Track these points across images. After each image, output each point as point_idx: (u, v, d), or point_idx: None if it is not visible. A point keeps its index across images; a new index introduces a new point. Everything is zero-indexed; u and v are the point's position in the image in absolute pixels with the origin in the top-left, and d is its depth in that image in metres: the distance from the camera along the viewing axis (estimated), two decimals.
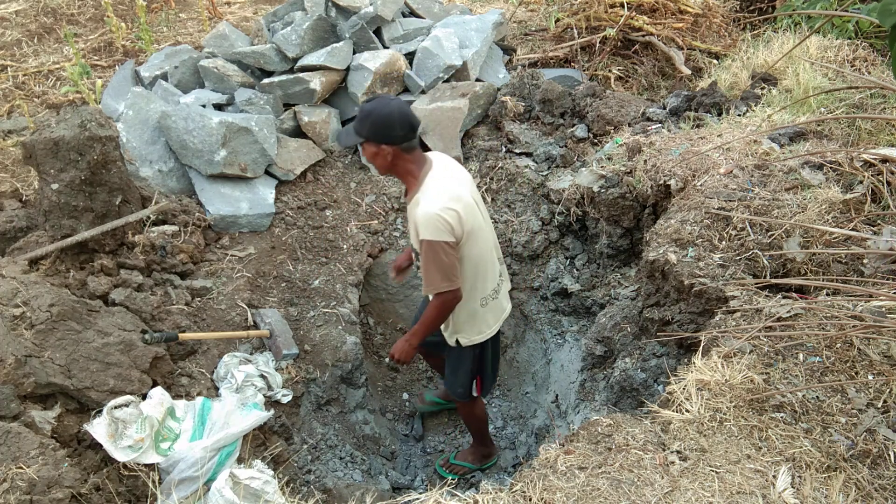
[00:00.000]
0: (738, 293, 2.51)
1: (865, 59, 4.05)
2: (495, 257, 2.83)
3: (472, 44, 4.59)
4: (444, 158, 2.71)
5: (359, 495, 2.80)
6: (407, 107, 2.53)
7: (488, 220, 2.80)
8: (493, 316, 2.88)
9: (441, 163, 2.65)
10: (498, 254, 2.87)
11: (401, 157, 2.52)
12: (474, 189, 2.73)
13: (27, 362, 2.35)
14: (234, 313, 3.23)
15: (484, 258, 2.71)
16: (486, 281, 2.77)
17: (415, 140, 2.53)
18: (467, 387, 3.06)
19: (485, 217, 2.74)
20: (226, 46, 4.48)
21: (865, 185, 2.80)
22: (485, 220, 2.73)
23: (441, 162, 2.66)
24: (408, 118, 2.48)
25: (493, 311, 2.86)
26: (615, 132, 4.05)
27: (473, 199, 2.65)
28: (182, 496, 2.33)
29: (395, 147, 2.48)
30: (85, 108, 3.00)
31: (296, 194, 4.01)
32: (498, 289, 2.85)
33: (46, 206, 2.89)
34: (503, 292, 2.92)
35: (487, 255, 2.73)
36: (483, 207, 2.75)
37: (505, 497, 1.96)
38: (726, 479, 1.87)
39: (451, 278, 2.54)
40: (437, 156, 2.71)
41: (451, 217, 2.47)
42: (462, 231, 2.52)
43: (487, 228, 2.75)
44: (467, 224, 2.54)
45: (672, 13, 5.01)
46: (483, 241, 2.69)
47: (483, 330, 2.86)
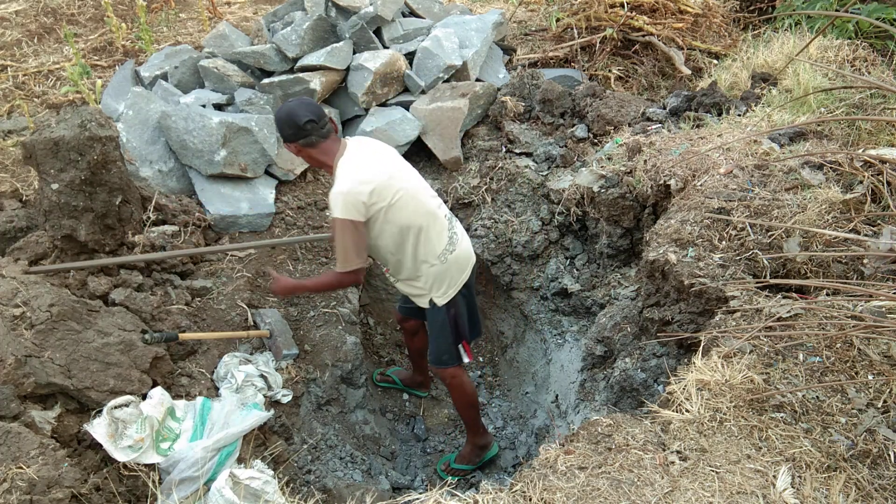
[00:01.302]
0: (738, 293, 2.51)
1: (865, 59, 4.05)
2: (439, 214, 2.90)
3: (472, 44, 4.59)
4: (360, 141, 2.85)
5: (359, 495, 2.80)
6: (295, 105, 2.71)
7: (420, 183, 2.91)
8: (458, 268, 2.99)
9: (355, 145, 2.79)
10: (444, 210, 2.96)
11: (306, 151, 2.75)
12: (397, 159, 2.90)
13: (27, 362, 2.35)
14: (234, 313, 3.23)
15: (420, 219, 2.81)
16: (436, 238, 2.88)
17: (310, 137, 2.69)
18: (453, 352, 3.15)
19: (412, 181, 2.85)
20: (226, 46, 4.48)
21: (865, 186, 2.80)
22: (414, 184, 2.85)
23: (355, 144, 2.80)
24: (292, 117, 2.67)
25: (455, 264, 2.96)
26: (615, 132, 4.05)
27: (394, 170, 2.79)
28: (182, 496, 2.33)
29: (295, 144, 2.73)
30: (85, 108, 3.00)
31: (296, 194, 4.01)
32: (453, 241, 2.94)
33: (46, 206, 2.89)
34: (461, 245, 2.99)
35: (424, 214, 2.83)
36: (411, 173, 2.89)
37: (505, 497, 1.96)
38: (726, 479, 1.87)
39: (358, 254, 2.74)
40: (354, 140, 2.84)
41: (358, 196, 2.65)
42: (377, 208, 2.70)
43: (420, 191, 2.86)
44: (384, 198, 2.70)
45: (672, 13, 5.01)
46: (415, 203, 2.80)
47: (446, 289, 2.98)
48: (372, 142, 2.91)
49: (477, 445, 3.53)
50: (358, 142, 2.85)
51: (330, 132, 2.76)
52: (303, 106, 2.71)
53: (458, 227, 3.04)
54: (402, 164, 2.92)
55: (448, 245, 2.92)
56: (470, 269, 3.07)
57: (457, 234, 2.99)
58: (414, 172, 2.94)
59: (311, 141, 2.71)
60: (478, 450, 3.54)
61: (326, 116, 2.77)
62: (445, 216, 2.95)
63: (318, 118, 2.70)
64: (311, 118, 2.67)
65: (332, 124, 2.81)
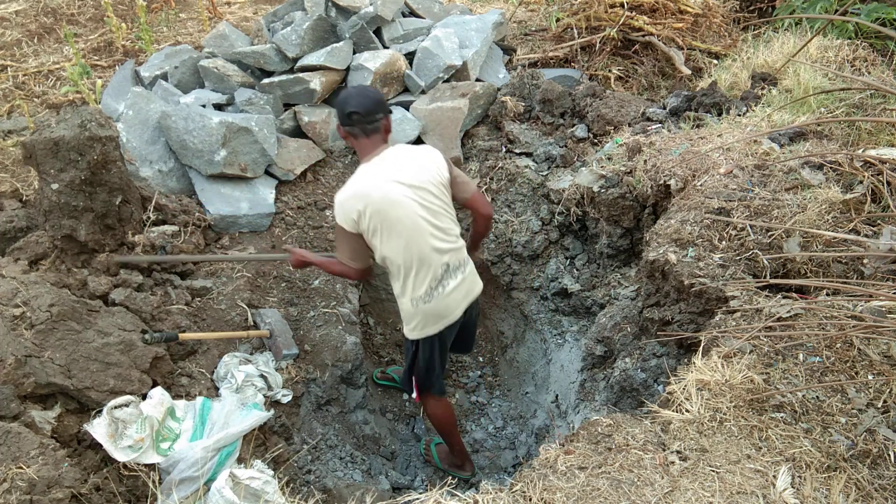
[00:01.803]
0: (738, 293, 2.51)
1: (865, 60, 4.05)
2: (434, 262, 2.69)
3: (472, 44, 4.59)
4: (397, 154, 2.68)
5: (359, 495, 2.80)
6: (353, 93, 2.67)
7: (422, 224, 2.63)
8: (433, 317, 2.81)
9: (388, 156, 2.66)
10: (449, 259, 2.74)
11: (350, 139, 2.71)
12: (410, 192, 2.60)
13: (27, 362, 2.35)
14: (234, 313, 3.23)
15: (412, 261, 2.66)
16: (417, 284, 2.72)
17: (354, 128, 2.64)
18: (406, 381, 3.15)
19: (409, 221, 2.60)
20: (226, 46, 4.48)
21: (865, 186, 2.80)
22: (410, 225, 2.61)
23: (389, 155, 2.66)
24: (343, 106, 2.64)
25: (429, 315, 2.80)
26: (615, 132, 4.05)
27: (391, 204, 2.56)
28: (182, 496, 2.33)
29: (343, 128, 2.69)
30: (85, 108, 3.00)
31: (296, 194, 4.01)
32: (431, 294, 2.74)
33: (46, 206, 2.89)
34: (444, 298, 2.77)
35: (416, 258, 2.66)
36: (413, 213, 2.61)
37: (505, 497, 1.96)
38: (726, 479, 1.87)
39: (354, 258, 2.74)
40: (394, 151, 2.69)
41: (349, 209, 2.61)
42: (366, 227, 2.62)
43: (416, 233, 2.63)
44: (370, 225, 2.60)
45: (672, 13, 5.01)
46: (408, 243, 2.62)
47: (416, 328, 2.86)
48: (406, 162, 2.65)
49: (451, 459, 3.54)
50: (395, 154, 2.66)
51: (374, 131, 2.65)
52: (359, 96, 2.65)
53: (453, 282, 2.77)
54: (413, 200, 2.60)
55: (425, 295, 2.73)
56: (450, 321, 2.85)
57: (443, 289, 2.75)
58: (421, 211, 2.62)
59: (354, 132, 2.66)
60: (451, 461, 3.55)
61: (380, 112, 2.66)
62: (443, 265, 2.72)
63: (367, 113, 2.61)
64: (357, 110, 2.60)
65: (385, 121, 2.70)
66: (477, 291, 2.96)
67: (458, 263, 2.80)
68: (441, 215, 2.70)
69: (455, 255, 2.78)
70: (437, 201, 2.68)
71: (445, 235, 2.72)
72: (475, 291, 2.95)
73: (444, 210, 2.72)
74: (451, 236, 2.75)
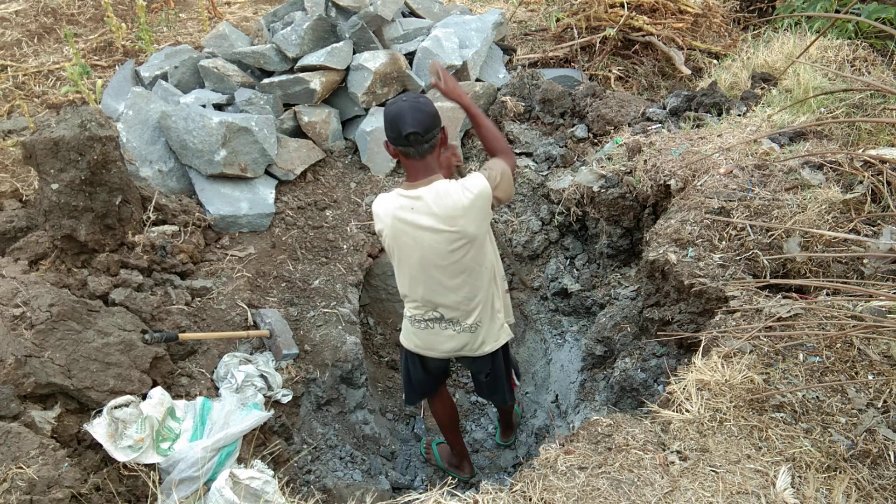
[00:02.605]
0: (738, 293, 2.51)
1: (865, 60, 4.05)
2: (435, 304, 2.63)
3: (472, 44, 4.59)
4: (437, 193, 2.43)
5: (359, 495, 2.80)
6: (407, 109, 2.37)
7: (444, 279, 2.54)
8: (417, 340, 2.78)
9: (423, 189, 2.44)
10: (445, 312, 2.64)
11: (400, 157, 2.49)
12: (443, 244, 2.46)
13: (27, 362, 2.35)
14: (234, 313, 3.23)
15: (413, 295, 2.64)
16: (412, 308, 2.72)
17: (408, 149, 2.41)
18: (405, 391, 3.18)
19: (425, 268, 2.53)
20: (226, 46, 4.48)
21: (865, 186, 2.80)
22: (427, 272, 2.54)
23: (424, 189, 2.44)
24: (397, 123, 2.36)
25: (417, 337, 2.77)
26: (615, 132, 4.05)
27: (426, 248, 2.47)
28: (182, 496, 2.33)
29: (395, 147, 2.46)
30: (85, 108, 3.00)
31: (296, 194, 4.01)
32: (422, 325, 2.70)
33: (46, 206, 2.89)
34: (434, 337, 2.71)
35: (415, 293, 2.63)
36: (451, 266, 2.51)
37: (505, 497, 1.96)
38: (726, 479, 1.87)
39: None
40: (436, 185, 2.44)
41: (378, 219, 2.53)
42: (385, 245, 2.59)
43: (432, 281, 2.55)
44: (388, 245, 2.57)
45: (672, 13, 5.01)
46: (415, 280, 2.58)
47: (405, 338, 2.85)
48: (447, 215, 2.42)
49: (449, 457, 3.54)
50: (439, 198, 2.41)
51: (430, 150, 2.42)
52: (414, 111, 2.36)
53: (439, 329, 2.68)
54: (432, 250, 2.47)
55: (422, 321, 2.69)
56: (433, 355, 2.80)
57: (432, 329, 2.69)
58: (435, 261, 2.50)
59: (408, 153, 2.42)
60: (449, 460, 3.54)
61: (436, 126, 2.42)
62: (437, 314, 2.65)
63: (426, 131, 2.36)
64: (417, 131, 2.34)
65: (443, 133, 2.48)
66: (474, 353, 2.76)
67: (455, 321, 2.66)
68: (456, 273, 2.53)
69: (454, 314, 2.64)
70: (463, 256, 2.50)
71: (451, 294, 2.58)
72: (471, 352, 2.75)
73: (460, 269, 2.53)
74: (455, 298, 2.59)
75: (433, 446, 3.65)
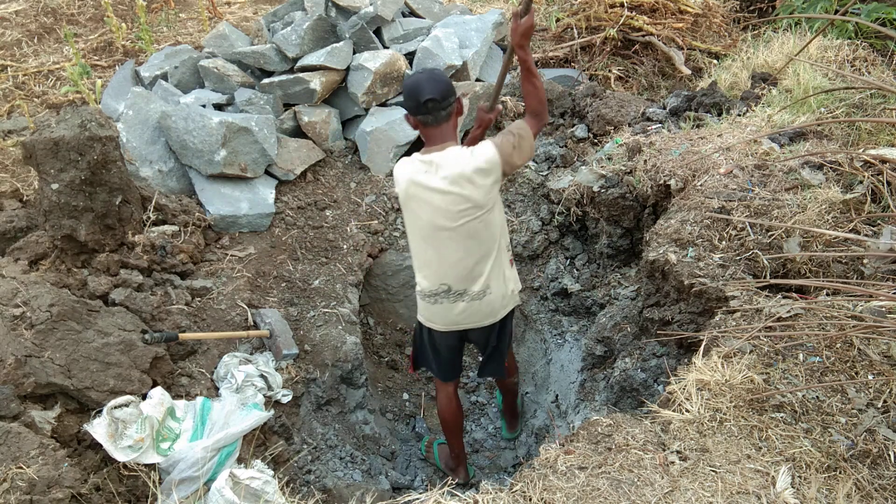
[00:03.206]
0: (738, 293, 2.51)
1: (865, 59, 4.05)
2: (442, 275, 2.67)
3: (472, 44, 4.59)
4: (451, 159, 2.54)
5: (359, 495, 2.80)
6: (430, 79, 2.52)
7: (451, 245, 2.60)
8: (428, 314, 2.83)
9: (439, 154, 2.55)
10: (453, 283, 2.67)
11: (420, 127, 2.62)
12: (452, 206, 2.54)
13: (27, 362, 2.35)
14: (234, 313, 3.23)
15: (419, 260, 2.73)
16: (421, 280, 2.76)
17: (427, 116, 2.54)
18: (412, 355, 3.21)
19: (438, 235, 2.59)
20: (226, 46, 4.48)
21: (865, 186, 2.80)
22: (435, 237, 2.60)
23: (440, 154, 2.55)
24: (416, 91, 2.51)
25: (427, 310, 2.82)
26: (615, 132, 4.05)
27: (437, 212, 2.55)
28: (182, 496, 2.33)
29: (413, 117, 2.60)
30: (85, 108, 3.00)
31: (296, 194, 4.01)
32: (431, 299, 2.74)
33: (46, 206, 2.89)
34: (442, 310, 2.75)
35: (425, 261, 2.69)
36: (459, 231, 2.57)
37: (505, 497, 1.96)
38: (726, 479, 1.87)
39: None
40: (451, 150, 2.56)
41: (396, 179, 2.65)
42: (402, 204, 2.69)
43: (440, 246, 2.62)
44: (403, 204, 2.68)
45: (672, 13, 5.01)
46: (422, 246, 2.67)
47: (421, 312, 2.89)
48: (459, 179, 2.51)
49: (447, 459, 3.53)
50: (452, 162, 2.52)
51: (446, 118, 2.56)
52: (431, 81, 2.51)
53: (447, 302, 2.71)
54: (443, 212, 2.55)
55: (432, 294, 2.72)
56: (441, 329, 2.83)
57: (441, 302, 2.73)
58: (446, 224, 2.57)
59: (427, 121, 2.56)
60: (447, 462, 3.54)
61: (452, 95, 2.56)
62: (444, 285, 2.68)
63: (443, 97, 2.50)
64: (434, 97, 2.48)
65: (458, 104, 2.61)
66: (485, 321, 2.80)
67: (463, 292, 2.70)
68: (463, 237, 2.59)
69: (462, 284, 2.68)
70: (469, 220, 2.57)
71: (458, 260, 2.63)
72: (481, 321, 2.79)
73: (467, 233, 2.59)
74: (462, 266, 2.64)
75: (434, 445, 3.65)
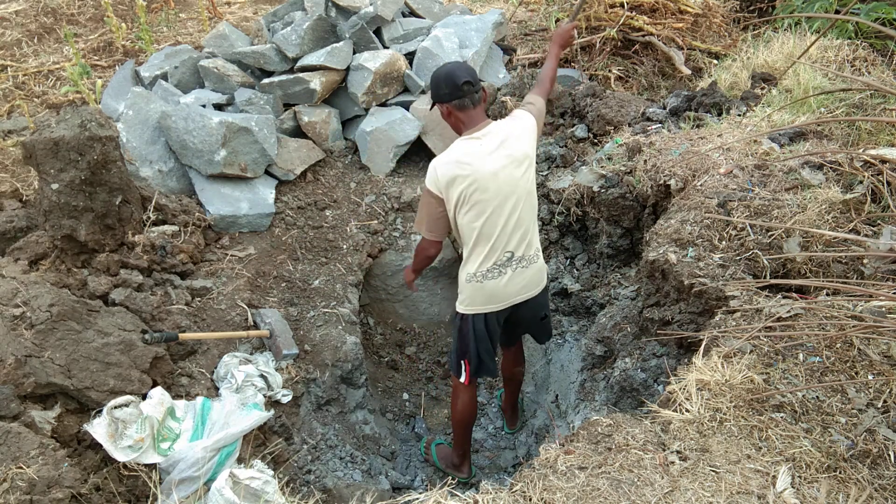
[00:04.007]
0: (738, 293, 2.51)
1: (865, 60, 4.05)
2: (501, 245, 2.75)
3: (472, 44, 4.59)
4: (495, 128, 2.69)
5: (359, 495, 2.81)
6: (461, 66, 2.67)
7: (516, 206, 2.71)
8: (483, 296, 2.87)
9: (482, 130, 2.67)
10: (515, 248, 2.78)
11: (454, 114, 2.70)
12: (511, 166, 2.66)
13: (27, 362, 2.35)
14: (234, 313, 3.23)
15: (484, 236, 2.73)
16: (479, 260, 2.78)
17: (464, 99, 2.64)
18: (454, 362, 3.14)
19: (507, 200, 2.68)
20: (226, 46, 4.48)
21: (865, 186, 2.80)
22: (504, 203, 2.68)
23: (484, 129, 2.68)
24: (452, 77, 2.62)
25: (482, 292, 2.86)
26: (615, 132, 4.05)
27: (482, 176, 2.62)
28: (182, 496, 2.33)
29: (447, 104, 2.68)
30: (85, 108, 3.00)
31: (296, 194, 4.01)
32: (492, 274, 2.81)
33: (46, 206, 2.89)
34: (499, 285, 2.83)
35: (490, 235, 2.72)
36: (519, 189, 2.70)
37: (505, 497, 1.96)
38: (726, 479, 1.87)
39: (429, 228, 2.80)
40: (492, 125, 2.70)
41: (442, 175, 2.65)
42: (457, 195, 2.65)
43: (506, 211, 2.69)
44: (458, 190, 2.64)
45: (672, 13, 5.01)
46: (490, 219, 2.69)
47: (466, 302, 2.91)
48: (508, 139, 2.68)
49: (452, 459, 3.54)
50: (498, 129, 2.70)
51: (480, 101, 2.70)
52: (462, 68, 2.67)
53: (509, 272, 2.82)
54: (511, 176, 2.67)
55: (485, 272, 2.79)
56: (496, 308, 2.90)
57: (500, 276, 2.81)
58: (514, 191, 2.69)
59: (465, 104, 2.66)
60: (451, 462, 3.54)
61: (480, 82, 2.72)
62: (508, 252, 2.78)
63: (475, 81, 2.66)
64: (469, 80, 2.63)
65: (484, 93, 2.75)
66: (535, 290, 2.95)
67: (522, 257, 2.82)
68: (523, 197, 2.73)
69: (521, 248, 2.81)
70: (526, 179, 2.74)
71: (520, 224, 2.76)
72: (532, 290, 2.94)
73: (526, 191, 2.74)
74: (522, 228, 2.78)
75: (432, 447, 3.65)
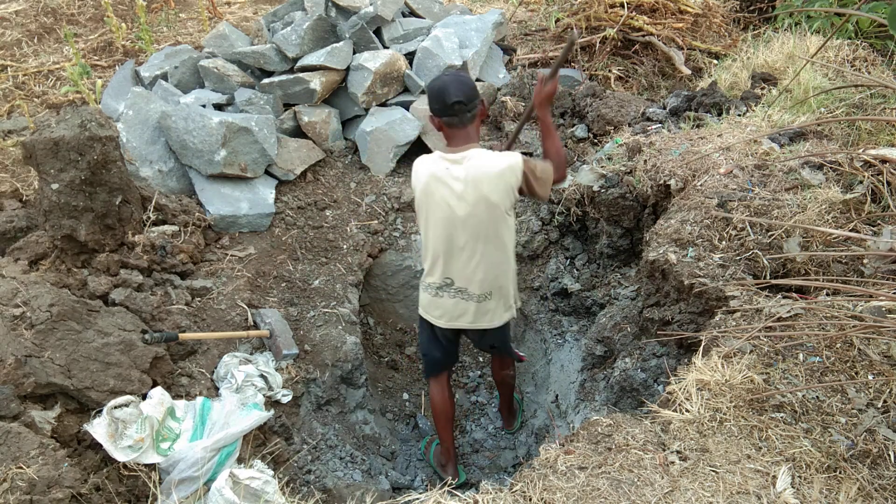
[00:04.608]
0: (738, 293, 2.51)
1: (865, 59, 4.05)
2: (446, 268, 2.77)
3: (472, 44, 4.59)
4: (475, 156, 2.64)
5: (359, 495, 2.80)
6: (455, 82, 2.61)
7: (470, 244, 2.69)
8: (427, 305, 2.94)
9: (461, 154, 2.65)
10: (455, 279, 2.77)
11: (446, 129, 2.69)
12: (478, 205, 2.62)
13: (27, 362, 2.34)
14: (234, 313, 3.23)
15: (430, 249, 2.79)
16: (427, 269, 2.86)
17: (452, 117, 2.62)
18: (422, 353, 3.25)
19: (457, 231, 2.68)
20: (226, 46, 4.48)
21: (865, 186, 2.80)
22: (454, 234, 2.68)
23: (463, 153, 2.65)
24: (443, 94, 2.58)
25: (427, 301, 2.93)
26: (615, 132, 4.05)
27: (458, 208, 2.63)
28: (182, 496, 2.33)
29: (438, 118, 2.67)
30: (85, 108, 3.00)
31: (296, 194, 4.01)
32: (431, 290, 2.87)
33: (46, 206, 2.89)
34: (441, 303, 2.85)
35: (435, 251, 2.77)
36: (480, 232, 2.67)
37: (505, 497, 1.96)
38: (726, 479, 1.87)
39: None
40: (472, 151, 2.66)
41: (414, 169, 2.76)
42: (415, 189, 2.76)
43: (457, 242, 2.70)
44: (417, 193, 2.75)
45: (672, 13, 5.01)
46: (434, 240, 2.75)
47: (420, 304, 2.99)
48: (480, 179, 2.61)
49: (440, 457, 3.53)
50: (477, 160, 2.63)
51: (471, 119, 2.66)
52: (457, 83, 2.61)
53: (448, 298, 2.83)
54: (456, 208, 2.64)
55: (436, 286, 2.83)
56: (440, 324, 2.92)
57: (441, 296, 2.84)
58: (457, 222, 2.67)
59: (453, 122, 2.65)
60: (439, 460, 3.53)
61: (476, 97, 2.66)
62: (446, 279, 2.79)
63: (468, 100, 2.61)
64: (461, 100, 2.58)
65: (482, 106, 2.73)
66: (482, 325, 2.89)
67: (464, 290, 2.81)
68: (473, 238, 2.68)
69: (471, 285, 2.78)
70: (482, 217, 2.66)
71: (466, 260, 2.73)
72: (478, 324, 2.89)
73: (477, 234, 2.68)
74: (481, 269, 2.73)
75: (431, 446, 3.65)
